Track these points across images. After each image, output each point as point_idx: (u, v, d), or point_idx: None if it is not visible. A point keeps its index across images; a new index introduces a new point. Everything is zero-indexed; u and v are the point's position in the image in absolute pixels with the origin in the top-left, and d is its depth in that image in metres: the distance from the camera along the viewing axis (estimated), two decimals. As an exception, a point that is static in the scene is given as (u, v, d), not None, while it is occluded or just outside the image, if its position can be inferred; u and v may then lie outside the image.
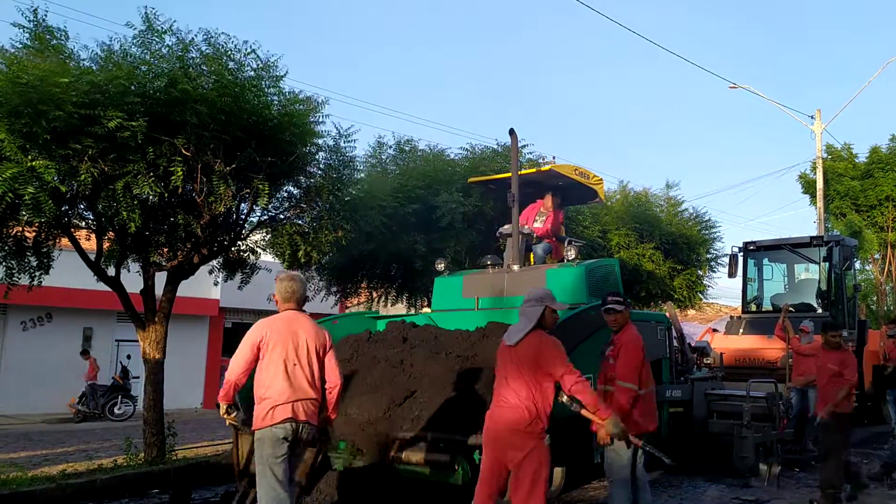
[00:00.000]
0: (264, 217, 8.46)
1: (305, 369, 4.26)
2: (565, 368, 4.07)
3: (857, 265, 17.86)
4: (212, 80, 6.99)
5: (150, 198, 6.91)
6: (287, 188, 8.48)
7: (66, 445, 10.37)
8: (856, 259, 15.32)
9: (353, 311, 15.71)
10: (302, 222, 8.47)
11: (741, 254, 13.04)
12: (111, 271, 8.18)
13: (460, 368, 5.93)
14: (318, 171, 8.33)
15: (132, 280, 8.31)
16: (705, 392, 8.45)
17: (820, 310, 11.93)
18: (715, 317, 26.05)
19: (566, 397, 4.17)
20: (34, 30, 6.89)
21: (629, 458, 4.71)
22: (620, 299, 4.98)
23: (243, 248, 9.06)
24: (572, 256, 7.81)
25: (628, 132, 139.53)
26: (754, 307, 13.10)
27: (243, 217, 8.20)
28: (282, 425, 4.14)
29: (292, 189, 8.52)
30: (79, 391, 15.42)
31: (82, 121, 6.27)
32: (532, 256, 8.92)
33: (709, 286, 16.36)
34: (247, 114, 7.11)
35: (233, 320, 19.80)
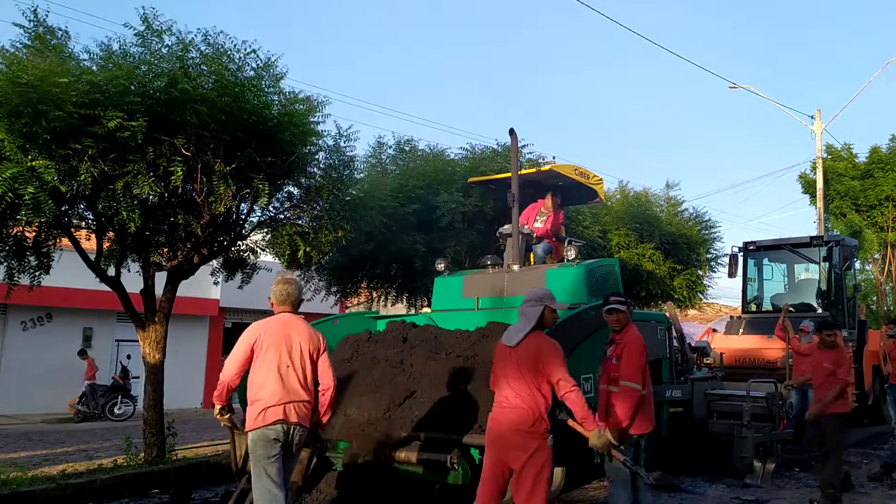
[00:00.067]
0: (264, 217, 8.46)
1: (298, 372, 4.27)
2: (561, 374, 4.06)
3: (857, 265, 17.86)
4: (212, 80, 6.99)
5: (150, 198, 6.90)
6: (287, 188, 8.47)
7: (66, 445, 10.36)
8: (856, 259, 15.33)
9: (353, 311, 15.71)
10: (302, 222, 8.46)
11: (741, 254, 13.05)
12: (111, 271, 8.19)
13: (460, 368, 5.93)
14: (318, 171, 8.32)
15: (132, 280, 8.32)
16: (705, 392, 8.45)
17: (820, 310, 11.93)
18: (715, 317, 26.06)
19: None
20: (34, 30, 6.90)
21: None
22: (623, 299, 4.96)
23: (243, 248, 9.06)
24: (572, 256, 7.81)
25: (628, 132, 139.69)
26: (754, 307, 13.11)
27: (243, 217, 8.20)
28: (273, 427, 4.15)
29: (292, 189, 8.51)
30: (79, 391, 15.42)
31: (82, 121, 6.26)
32: (532, 256, 8.93)
33: (709, 286, 16.36)
34: (247, 114, 7.11)
35: (233, 320, 19.78)
